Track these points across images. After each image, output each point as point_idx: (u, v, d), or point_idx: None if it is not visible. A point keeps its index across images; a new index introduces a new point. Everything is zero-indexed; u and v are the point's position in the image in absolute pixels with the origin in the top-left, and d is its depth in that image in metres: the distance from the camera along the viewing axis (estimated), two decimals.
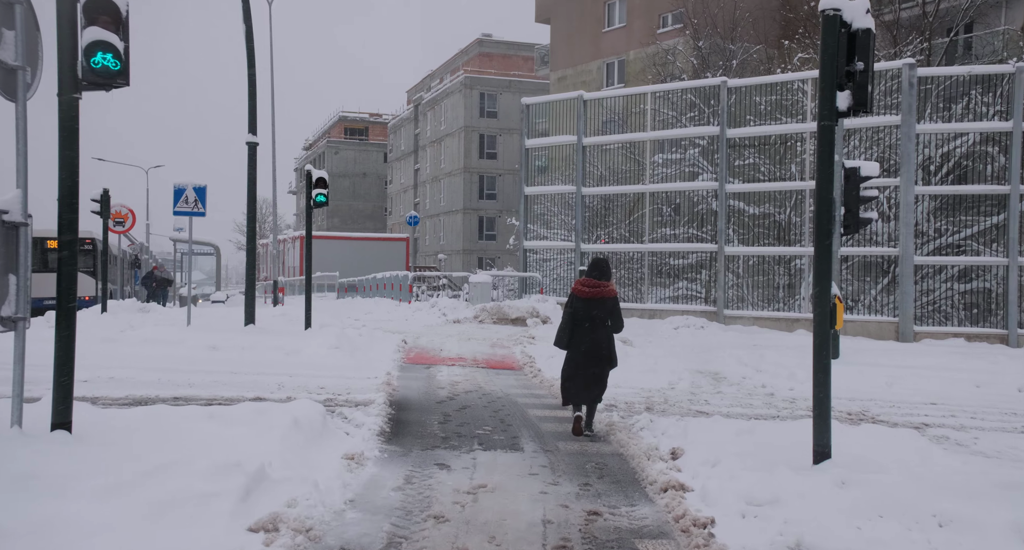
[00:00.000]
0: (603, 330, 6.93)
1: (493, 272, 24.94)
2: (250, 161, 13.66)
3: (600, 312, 6.86)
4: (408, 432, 6.83)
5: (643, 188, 20.49)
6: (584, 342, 6.88)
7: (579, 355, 6.91)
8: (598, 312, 6.85)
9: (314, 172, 13.57)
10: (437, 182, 59.81)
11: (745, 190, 18.97)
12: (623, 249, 21.11)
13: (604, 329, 6.94)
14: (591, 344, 6.87)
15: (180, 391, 8.32)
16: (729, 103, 18.88)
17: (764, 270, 19.79)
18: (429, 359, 12.84)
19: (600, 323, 6.89)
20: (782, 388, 10.61)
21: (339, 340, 12.69)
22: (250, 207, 13.66)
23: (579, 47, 39.70)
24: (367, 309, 23.17)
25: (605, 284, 6.91)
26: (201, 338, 12.35)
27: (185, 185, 13.86)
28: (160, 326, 14.21)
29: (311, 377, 9.83)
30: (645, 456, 5.85)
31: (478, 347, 14.35)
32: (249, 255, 13.86)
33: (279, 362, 11.07)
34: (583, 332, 6.89)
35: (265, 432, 5.39)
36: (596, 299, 6.83)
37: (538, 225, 23.23)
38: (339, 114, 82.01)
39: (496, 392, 9.48)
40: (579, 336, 6.91)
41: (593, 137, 21.20)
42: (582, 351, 6.89)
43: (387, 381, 9.61)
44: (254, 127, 13.70)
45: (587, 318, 6.87)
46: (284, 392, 8.45)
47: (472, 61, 58.63)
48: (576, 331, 6.91)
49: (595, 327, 6.87)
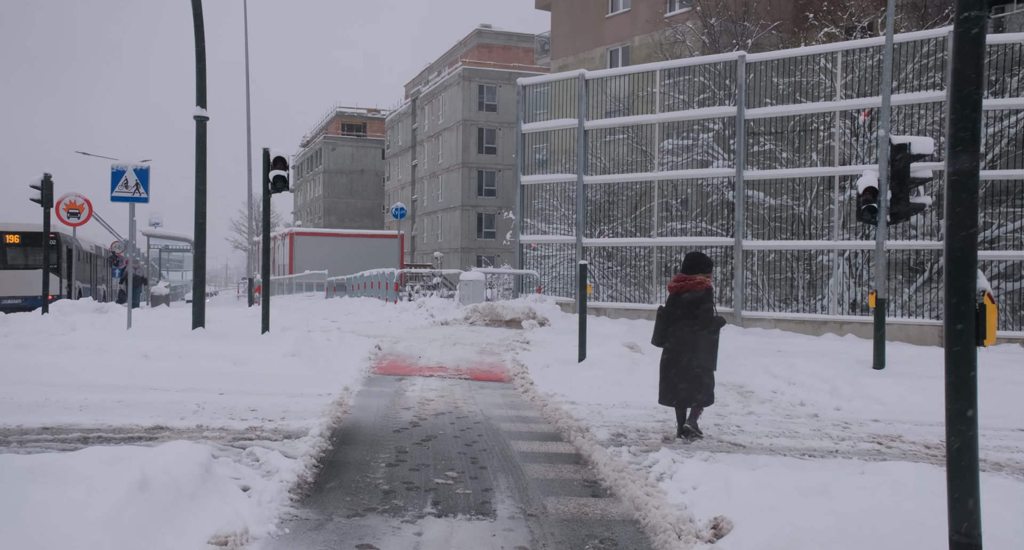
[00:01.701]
0: (697, 326, 6.58)
1: (486, 269, 23.04)
2: (199, 138, 11.78)
3: (691, 308, 6.56)
4: (339, 483, 4.93)
5: (652, 176, 18.58)
6: (678, 339, 6.65)
7: (674, 353, 6.69)
8: (689, 308, 6.56)
9: (272, 150, 11.69)
10: (435, 178, 57.91)
11: (766, 177, 17.06)
12: (629, 244, 19.21)
13: (699, 325, 6.59)
14: (685, 341, 6.62)
15: (60, 417, 6.44)
16: (747, 80, 16.96)
17: (782, 267, 17.91)
18: (403, 369, 10.97)
19: (693, 319, 6.58)
20: (826, 407, 8.71)
21: (298, 346, 10.82)
22: (198, 191, 11.77)
23: (581, 34, 37.80)
24: (349, 309, 21.30)
25: (693, 278, 6.58)
26: (135, 344, 10.47)
27: (124, 166, 11.98)
28: (96, 329, 12.36)
29: (247, 394, 7.96)
30: (674, 531, 3.95)
31: (463, 354, 12.47)
32: (198, 247, 11.98)
33: (219, 374, 9.20)
34: (677, 329, 6.65)
35: (94, 501, 3.51)
36: (685, 294, 6.58)
37: (537, 220, 21.35)
38: (336, 109, 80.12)
39: (475, 414, 7.60)
40: (674, 334, 6.67)
41: (596, 120, 19.29)
42: (676, 349, 6.67)
43: (340, 400, 7.73)
44: (203, 99, 11.82)
45: (682, 314, 6.60)
46: (197, 418, 6.57)
47: (471, 53, 56.73)
48: (671, 328, 6.69)
49: (688, 323, 6.59)
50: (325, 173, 77.18)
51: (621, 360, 11.37)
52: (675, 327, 6.66)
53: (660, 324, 6.78)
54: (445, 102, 55.65)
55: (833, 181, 16.62)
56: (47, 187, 14.87)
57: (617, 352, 11.99)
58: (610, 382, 9.91)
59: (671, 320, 6.68)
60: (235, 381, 8.84)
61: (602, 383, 9.88)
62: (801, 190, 17.73)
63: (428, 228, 59.55)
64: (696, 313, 6.55)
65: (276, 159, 11.67)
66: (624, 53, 36.02)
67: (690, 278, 6.62)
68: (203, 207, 11.87)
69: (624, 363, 11.14)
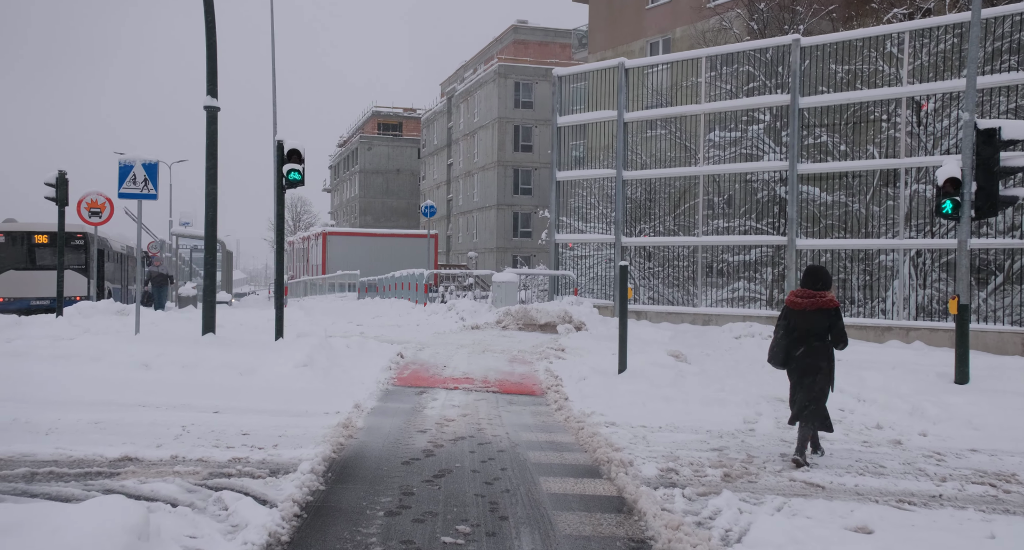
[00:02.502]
0: (821, 345, 6.28)
1: (520, 270, 22.01)
2: (209, 130, 10.97)
3: (818, 325, 6.23)
4: (321, 544, 3.95)
5: (697, 170, 17.38)
6: (803, 359, 6.32)
7: (798, 374, 6.37)
8: (815, 325, 6.23)
9: (287, 143, 10.82)
10: (470, 177, 57.08)
11: (823, 170, 15.75)
12: (672, 243, 18.02)
13: (823, 344, 6.28)
14: (808, 361, 6.29)
15: (17, 444, 5.57)
16: (802, 67, 15.66)
17: (835, 268, 16.57)
18: (426, 380, 10.01)
19: (818, 338, 6.26)
20: (909, 431, 7.51)
21: (312, 355, 9.94)
22: (209, 189, 10.95)
23: (620, 26, 36.56)
24: (377, 312, 20.46)
25: (823, 294, 6.28)
26: (137, 352, 9.68)
27: (133, 161, 11.22)
28: (101, 336, 11.64)
29: (244, 412, 7.07)
30: None
31: (492, 362, 11.47)
32: (208, 247, 11.17)
33: (220, 387, 8.34)
34: (801, 348, 6.30)
35: None
36: (813, 311, 6.24)
37: (574, 218, 20.27)
38: (372, 109, 79.83)
39: (500, 439, 6.58)
40: (797, 353, 6.33)
41: (637, 112, 18.14)
42: (801, 370, 6.35)
43: (347, 420, 6.78)
44: (214, 88, 11.00)
45: (804, 332, 6.28)
46: (176, 446, 5.66)
47: (507, 49, 55.77)
48: (793, 348, 6.34)
49: (812, 342, 6.26)
50: (361, 173, 76.93)
51: (666, 371, 10.27)
52: (795, 347, 6.31)
53: (778, 342, 6.42)
54: (480, 99, 54.78)
55: (896, 175, 15.24)
56: (62, 185, 14.25)
57: (661, 362, 10.89)
58: (654, 398, 8.82)
59: (792, 339, 6.32)
60: (236, 395, 7.96)
61: (645, 399, 8.80)
62: (858, 185, 16.39)
63: (463, 228, 58.77)
64: (831, 333, 6.24)
65: (291, 152, 10.80)
66: (665, 45, 34.67)
67: (820, 294, 6.26)
68: (214, 205, 11.05)
69: (669, 375, 10.04)
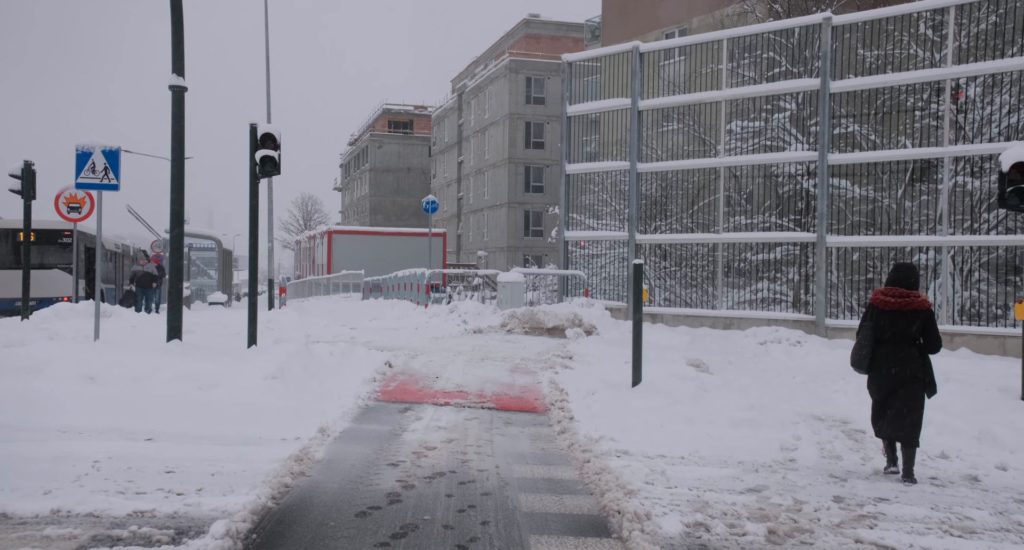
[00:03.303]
0: (912, 349, 5.93)
1: (527, 270, 20.81)
2: (175, 112, 9.82)
3: (910, 328, 5.90)
4: None
5: (717, 162, 16.10)
6: (890, 364, 5.95)
7: (885, 380, 5.99)
8: (907, 327, 5.90)
9: (260, 127, 9.65)
10: (481, 174, 55.91)
11: (856, 161, 14.46)
12: (690, 240, 16.75)
13: (914, 348, 5.94)
14: (899, 366, 5.92)
15: None
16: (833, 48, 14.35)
17: (863, 267, 15.27)
18: (414, 394, 8.82)
19: (909, 341, 5.93)
20: (983, 462, 6.24)
21: (285, 366, 8.78)
22: (175, 177, 9.80)
23: (634, 17, 35.26)
24: (376, 314, 19.33)
25: (915, 294, 5.94)
26: (86, 362, 8.54)
27: (91, 147, 10.09)
28: (57, 342, 10.55)
29: (182, 439, 5.91)
30: None
31: (491, 372, 10.27)
32: (174, 244, 10.00)
33: (169, 404, 7.19)
34: (888, 352, 5.97)
35: None
36: (906, 312, 5.89)
37: (585, 215, 19.04)
38: (383, 106, 78.83)
39: (487, 476, 5.38)
40: (883, 357, 5.98)
41: (652, 99, 16.88)
42: (889, 375, 5.96)
43: (302, 451, 5.61)
44: (180, 66, 9.85)
45: (894, 335, 5.94)
46: (69, 492, 4.49)
47: (518, 44, 54.55)
48: (879, 350, 6.00)
49: (902, 345, 5.92)
50: (371, 171, 75.96)
51: (685, 384, 9.03)
52: (883, 350, 5.93)
53: (865, 345, 6.01)
54: (491, 95, 53.60)
55: (933, 167, 13.94)
56: (28, 177, 13.19)
57: (680, 373, 9.66)
58: (674, 418, 7.58)
59: (880, 341, 5.95)
60: (184, 415, 6.81)
61: (663, 419, 7.57)
62: (888, 179, 15.07)
63: (474, 226, 57.62)
64: (925, 336, 5.88)
65: (264, 137, 9.63)
66: (681, 36, 33.33)
67: (913, 295, 5.86)
68: (180, 194, 9.91)
69: (690, 389, 8.80)
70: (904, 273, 6.02)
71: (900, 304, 5.85)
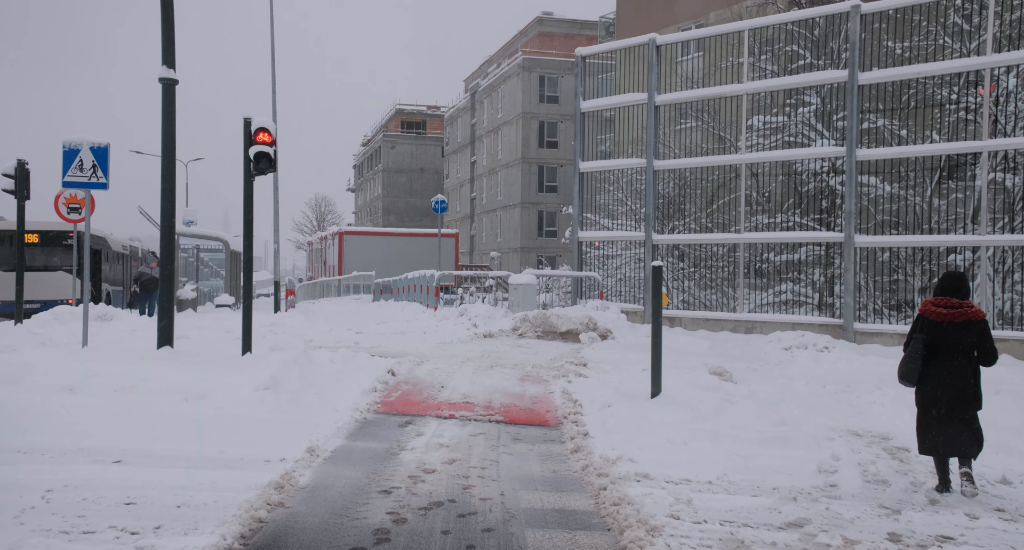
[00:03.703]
0: (965, 362, 5.56)
1: (539, 271, 20.18)
2: (165, 106, 9.28)
3: (963, 340, 5.53)
4: None
5: (739, 158, 15.41)
6: (942, 377, 5.60)
7: (937, 394, 5.61)
8: (960, 339, 5.53)
9: (255, 121, 9.09)
10: (494, 174, 55.33)
11: (887, 156, 13.72)
12: (710, 240, 16.07)
13: (967, 360, 5.57)
14: (952, 380, 5.56)
15: None
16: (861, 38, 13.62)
17: (891, 269, 14.55)
18: (416, 405, 8.23)
19: (962, 353, 5.55)
20: None
21: (279, 375, 8.22)
22: (165, 174, 9.26)
23: (649, 12, 34.54)
24: (385, 317, 18.77)
25: (968, 304, 5.60)
26: (69, 371, 8.01)
27: (79, 144, 9.59)
28: (46, 347, 10.07)
29: (153, 461, 5.35)
30: None
31: (500, 381, 9.65)
32: (164, 243, 9.46)
33: (150, 418, 6.64)
34: (939, 365, 5.61)
35: None
36: (959, 324, 5.53)
37: (600, 215, 18.42)
38: (396, 107, 78.46)
39: (490, 508, 4.78)
40: (934, 370, 5.63)
41: (670, 94, 16.22)
42: (940, 389, 5.60)
43: (283, 478, 5.02)
44: (170, 58, 9.31)
45: (946, 347, 5.58)
46: (11, 532, 3.91)
47: (532, 42, 53.93)
48: (930, 363, 5.65)
49: (955, 358, 5.56)
50: (384, 172, 75.61)
51: (708, 395, 8.38)
52: (934, 363, 5.63)
53: (915, 358, 5.68)
54: (505, 94, 53.02)
55: (967, 163, 13.20)
56: (22, 177, 12.72)
57: (702, 382, 9.00)
58: (698, 435, 6.93)
59: (932, 354, 5.66)
60: (163, 432, 6.25)
61: (687, 435, 6.92)
62: (915, 176, 14.33)
63: (487, 227, 57.05)
64: (980, 349, 5.57)
65: (259, 131, 9.07)
66: None
67: (966, 305, 5.57)
68: (171, 189, 9.37)
69: (713, 400, 8.14)
70: (956, 282, 5.76)
71: (952, 315, 5.58)
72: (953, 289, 5.69)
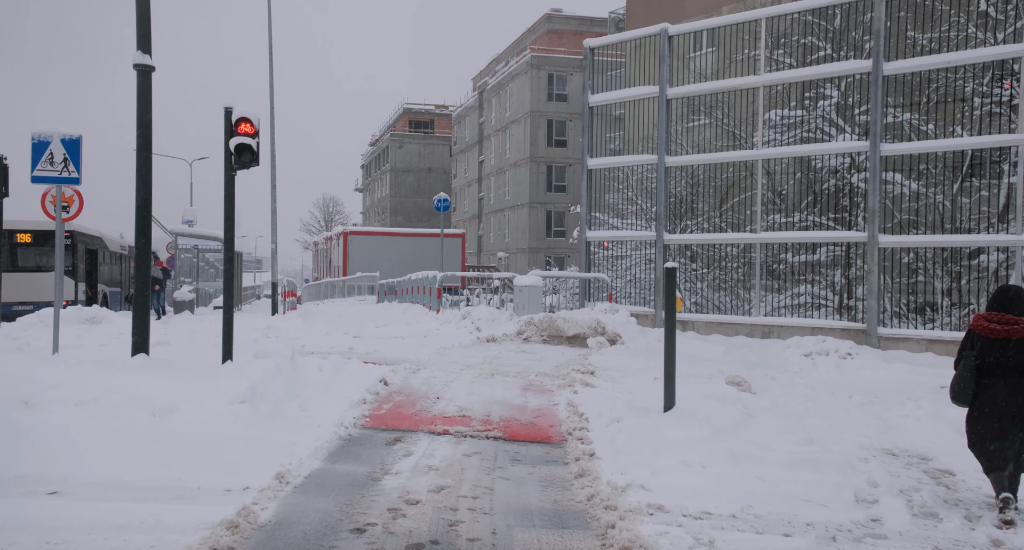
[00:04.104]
0: (1021, 379, 5.17)
1: (545, 272, 19.49)
2: (140, 94, 8.64)
3: (1020, 356, 5.18)
4: None
5: (755, 154, 14.68)
6: (998, 396, 5.23)
7: (994, 414, 5.23)
8: (1017, 356, 5.19)
9: (236, 111, 8.44)
10: (502, 174, 54.66)
11: (913, 151, 12.95)
12: (726, 240, 15.34)
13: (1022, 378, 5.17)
14: (1009, 400, 5.18)
15: None
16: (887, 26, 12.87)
17: (911, 271, 13.78)
18: (408, 419, 7.55)
19: (1019, 371, 5.19)
20: None
21: (258, 386, 7.55)
22: (141, 174, 8.62)
23: (660, 8, 33.72)
24: (385, 319, 18.12)
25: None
26: (27, 381, 7.36)
27: (49, 135, 8.97)
28: (21, 352, 9.47)
29: (97, 492, 4.71)
30: None
31: (501, 391, 8.96)
32: (139, 242, 8.83)
33: (109, 438, 5.98)
34: (993, 384, 5.27)
35: None
36: (1013, 341, 5.20)
37: (609, 215, 17.71)
38: (403, 106, 77.96)
39: (479, 547, 4.08)
40: (988, 389, 5.29)
41: (682, 87, 15.50)
42: (997, 408, 5.22)
43: (238, 515, 4.34)
44: (146, 44, 8.67)
45: (1001, 365, 5.24)
46: None
47: (540, 39, 53.25)
48: (983, 382, 5.31)
49: (1011, 376, 5.21)
50: (392, 172, 75.09)
51: (726, 408, 7.70)
52: (988, 381, 5.31)
53: (967, 377, 5.38)
54: (513, 93, 52.36)
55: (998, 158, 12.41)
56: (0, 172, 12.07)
57: (719, 394, 8.32)
58: (717, 455, 6.21)
59: (984, 372, 5.35)
60: (118, 453, 5.59)
61: (704, 457, 6.20)
62: (939, 173, 13.56)
63: (495, 227, 56.40)
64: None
65: (240, 121, 8.42)
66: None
67: (1023, 321, 5.18)
68: (148, 198, 8.74)
69: (732, 414, 7.46)
70: (1012, 297, 5.45)
71: (1008, 331, 5.28)
72: (1012, 303, 5.36)
